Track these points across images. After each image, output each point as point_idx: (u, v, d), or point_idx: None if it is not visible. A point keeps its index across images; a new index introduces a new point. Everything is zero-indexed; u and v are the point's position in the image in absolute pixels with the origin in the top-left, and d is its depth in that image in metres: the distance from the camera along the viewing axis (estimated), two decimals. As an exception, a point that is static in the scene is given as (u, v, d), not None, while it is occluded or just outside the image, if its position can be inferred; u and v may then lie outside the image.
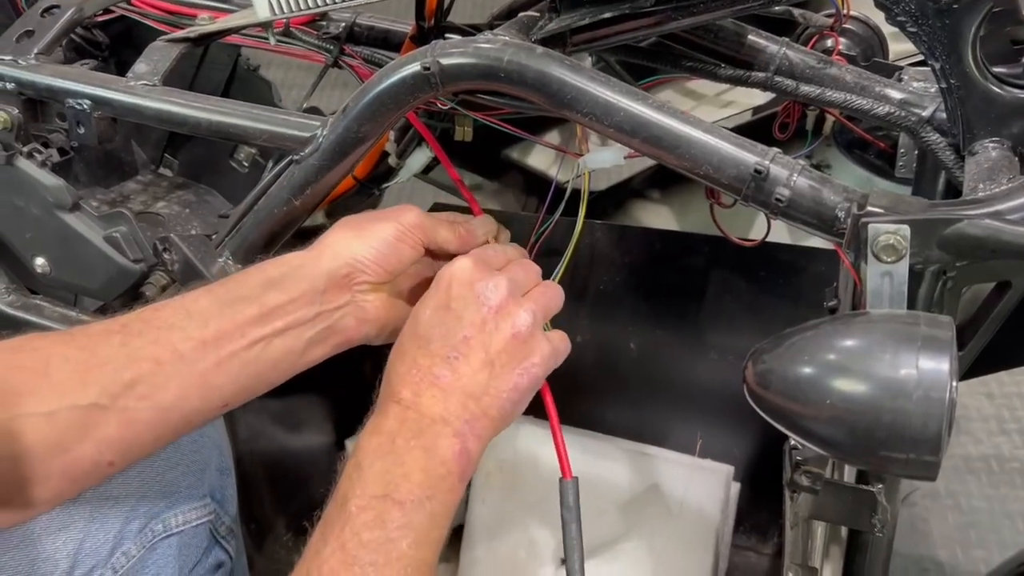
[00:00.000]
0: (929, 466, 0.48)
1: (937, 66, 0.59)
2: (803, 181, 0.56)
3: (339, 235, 0.64)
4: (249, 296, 0.61)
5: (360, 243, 0.64)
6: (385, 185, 0.92)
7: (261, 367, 0.61)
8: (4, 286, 0.91)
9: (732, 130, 1.07)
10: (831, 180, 0.57)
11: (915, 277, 0.54)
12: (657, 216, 1.15)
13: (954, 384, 0.47)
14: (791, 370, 0.51)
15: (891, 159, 0.84)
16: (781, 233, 0.60)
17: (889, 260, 0.53)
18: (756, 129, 1.04)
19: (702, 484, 1.03)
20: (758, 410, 0.53)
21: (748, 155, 0.58)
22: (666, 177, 1.09)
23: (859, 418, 0.48)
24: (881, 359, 0.48)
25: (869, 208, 0.53)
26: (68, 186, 0.84)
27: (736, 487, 1.10)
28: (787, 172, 0.57)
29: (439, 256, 0.68)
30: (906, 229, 0.52)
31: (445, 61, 0.63)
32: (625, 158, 0.72)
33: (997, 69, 0.60)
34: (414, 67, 0.64)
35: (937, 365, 0.47)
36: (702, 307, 1.05)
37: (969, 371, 0.79)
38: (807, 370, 0.51)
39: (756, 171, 0.57)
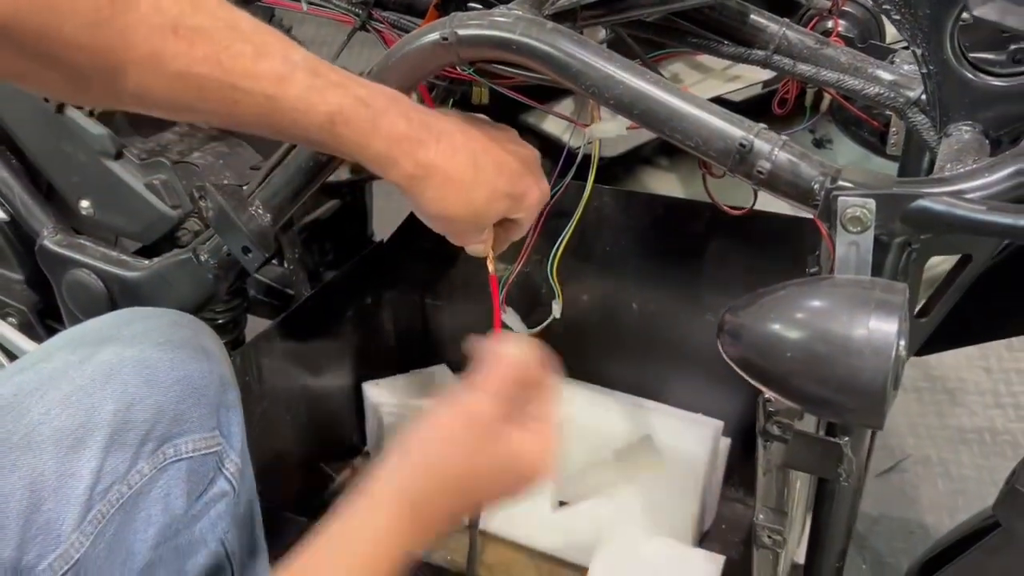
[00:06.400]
0: (876, 415, 0.53)
1: (919, 52, 0.63)
2: (783, 155, 0.61)
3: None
4: None
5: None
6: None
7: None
8: (52, 226, 0.98)
9: (741, 103, 1.12)
10: (810, 155, 0.62)
11: (882, 248, 0.59)
12: (664, 183, 1.20)
13: (901, 344, 0.52)
14: (760, 325, 0.57)
15: (883, 137, 0.88)
16: (779, 203, 0.65)
17: (855, 231, 0.58)
18: (764, 102, 1.08)
19: (692, 436, 1.09)
20: (727, 360, 0.59)
21: (735, 129, 0.62)
22: (674, 147, 1.14)
23: (815, 371, 0.54)
24: (838, 319, 0.53)
25: (840, 182, 0.58)
26: (112, 135, 0.90)
27: (727, 442, 1.16)
28: (769, 147, 0.61)
29: None
30: (871, 202, 0.57)
31: (462, 32, 0.68)
32: (627, 129, 0.77)
33: (983, 56, 0.64)
34: (433, 36, 0.69)
35: (886, 327, 0.52)
36: (701, 270, 1.10)
37: (950, 341, 0.84)
38: (774, 326, 0.56)
39: (741, 144, 0.61)
